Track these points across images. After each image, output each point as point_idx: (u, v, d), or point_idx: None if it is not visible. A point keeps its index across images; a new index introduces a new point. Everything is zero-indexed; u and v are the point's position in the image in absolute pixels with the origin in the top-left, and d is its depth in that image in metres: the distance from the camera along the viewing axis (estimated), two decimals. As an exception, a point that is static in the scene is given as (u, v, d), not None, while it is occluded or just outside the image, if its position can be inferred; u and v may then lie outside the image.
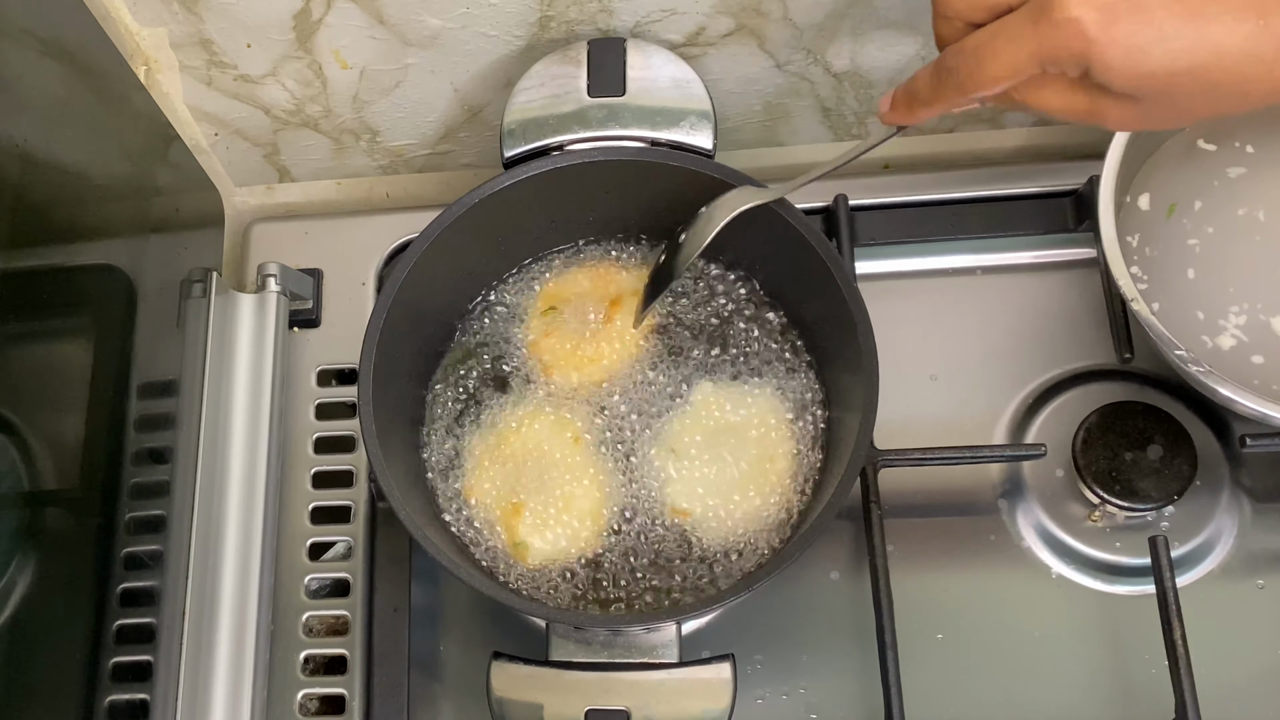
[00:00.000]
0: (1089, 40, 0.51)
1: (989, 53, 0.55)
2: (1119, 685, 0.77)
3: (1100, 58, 0.51)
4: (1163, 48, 0.51)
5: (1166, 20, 0.50)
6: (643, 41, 0.82)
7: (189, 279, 0.82)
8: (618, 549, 0.76)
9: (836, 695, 0.79)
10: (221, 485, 0.80)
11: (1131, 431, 0.79)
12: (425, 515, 0.74)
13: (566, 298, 0.81)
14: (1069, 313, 0.86)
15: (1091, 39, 0.51)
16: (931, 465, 0.81)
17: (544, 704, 0.70)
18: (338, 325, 0.89)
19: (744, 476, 0.76)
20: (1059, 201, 0.88)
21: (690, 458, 0.77)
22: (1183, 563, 0.79)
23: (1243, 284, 0.78)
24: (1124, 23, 0.51)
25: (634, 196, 0.80)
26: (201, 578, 0.77)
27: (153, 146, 0.83)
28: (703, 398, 0.79)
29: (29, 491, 0.64)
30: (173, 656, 0.74)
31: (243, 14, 0.79)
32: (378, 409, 0.72)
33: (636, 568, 0.76)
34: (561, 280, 0.82)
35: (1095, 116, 0.56)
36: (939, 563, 0.81)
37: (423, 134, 0.93)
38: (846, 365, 0.74)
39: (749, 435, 0.77)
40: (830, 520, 0.69)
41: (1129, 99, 0.53)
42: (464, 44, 0.83)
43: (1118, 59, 0.51)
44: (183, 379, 0.80)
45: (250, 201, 1.00)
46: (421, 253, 0.75)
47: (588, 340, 0.80)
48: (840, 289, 0.73)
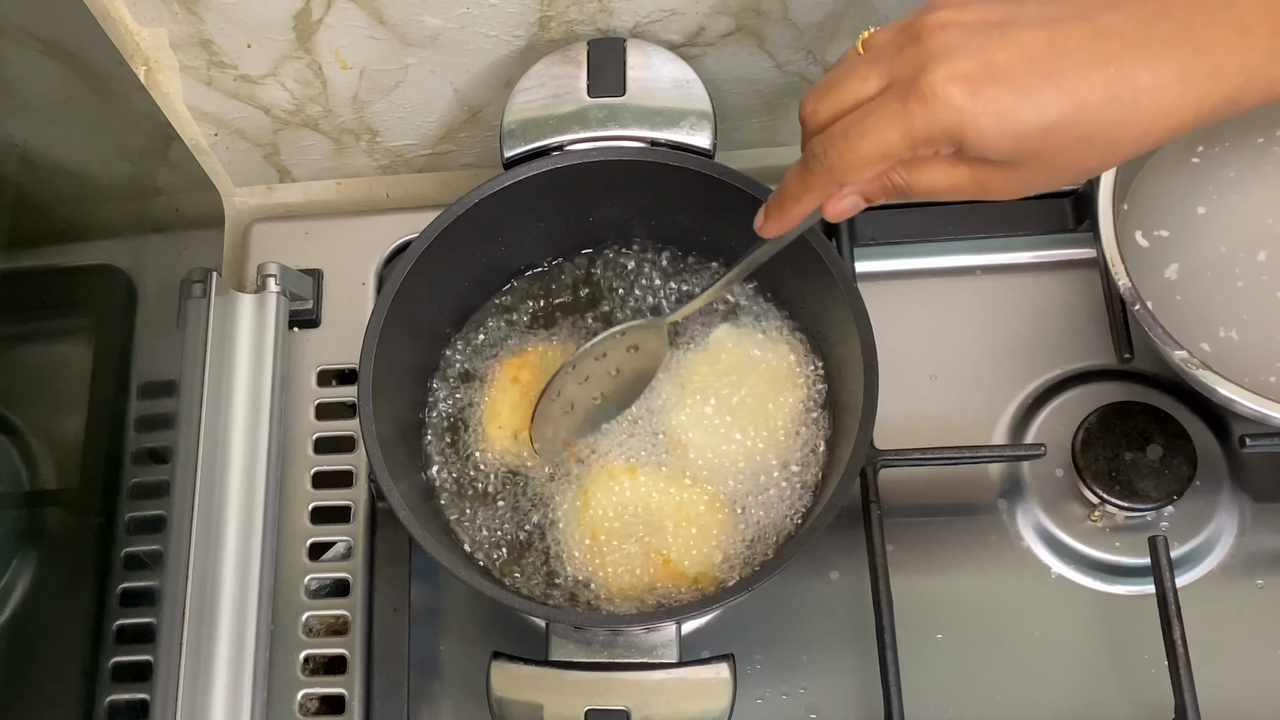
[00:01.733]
0: (958, 110, 0.51)
1: (858, 133, 0.54)
2: (1119, 685, 0.77)
3: (973, 126, 0.52)
4: (1029, 106, 0.51)
5: (1027, 80, 0.51)
6: (643, 41, 0.82)
7: (189, 279, 0.82)
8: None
9: (836, 695, 0.79)
10: (221, 485, 0.80)
11: (1131, 431, 0.79)
12: (425, 515, 0.74)
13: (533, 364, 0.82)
14: (1069, 313, 0.87)
15: (959, 109, 0.51)
16: (931, 465, 0.81)
17: (544, 704, 0.70)
18: (338, 325, 0.89)
19: (744, 416, 0.77)
20: (1059, 201, 0.88)
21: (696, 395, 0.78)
22: (1182, 563, 0.79)
23: (1242, 283, 0.78)
24: (989, 89, 0.51)
25: (634, 196, 0.80)
26: (201, 578, 0.77)
27: (153, 146, 0.83)
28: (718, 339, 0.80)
29: (29, 491, 0.64)
30: (173, 656, 0.74)
31: (243, 14, 0.79)
32: (378, 409, 0.72)
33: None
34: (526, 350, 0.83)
35: (981, 189, 0.55)
36: (939, 563, 0.81)
37: (423, 134, 0.93)
38: (846, 365, 0.74)
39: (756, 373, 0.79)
40: (830, 520, 0.69)
41: (1009, 165, 0.53)
42: (464, 44, 0.83)
43: (989, 125, 0.51)
44: (183, 379, 0.80)
45: (250, 201, 1.00)
46: (421, 253, 0.75)
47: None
48: (840, 289, 0.73)
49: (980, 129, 0.52)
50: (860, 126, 0.54)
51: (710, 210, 0.78)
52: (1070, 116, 0.51)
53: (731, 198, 0.76)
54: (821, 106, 0.57)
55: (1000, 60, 0.51)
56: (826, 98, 0.57)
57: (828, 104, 0.57)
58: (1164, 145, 0.80)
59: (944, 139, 0.53)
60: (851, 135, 0.55)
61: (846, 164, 0.55)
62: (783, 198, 0.60)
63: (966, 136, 0.52)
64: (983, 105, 0.51)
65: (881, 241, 0.88)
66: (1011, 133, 0.52)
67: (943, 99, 0.52)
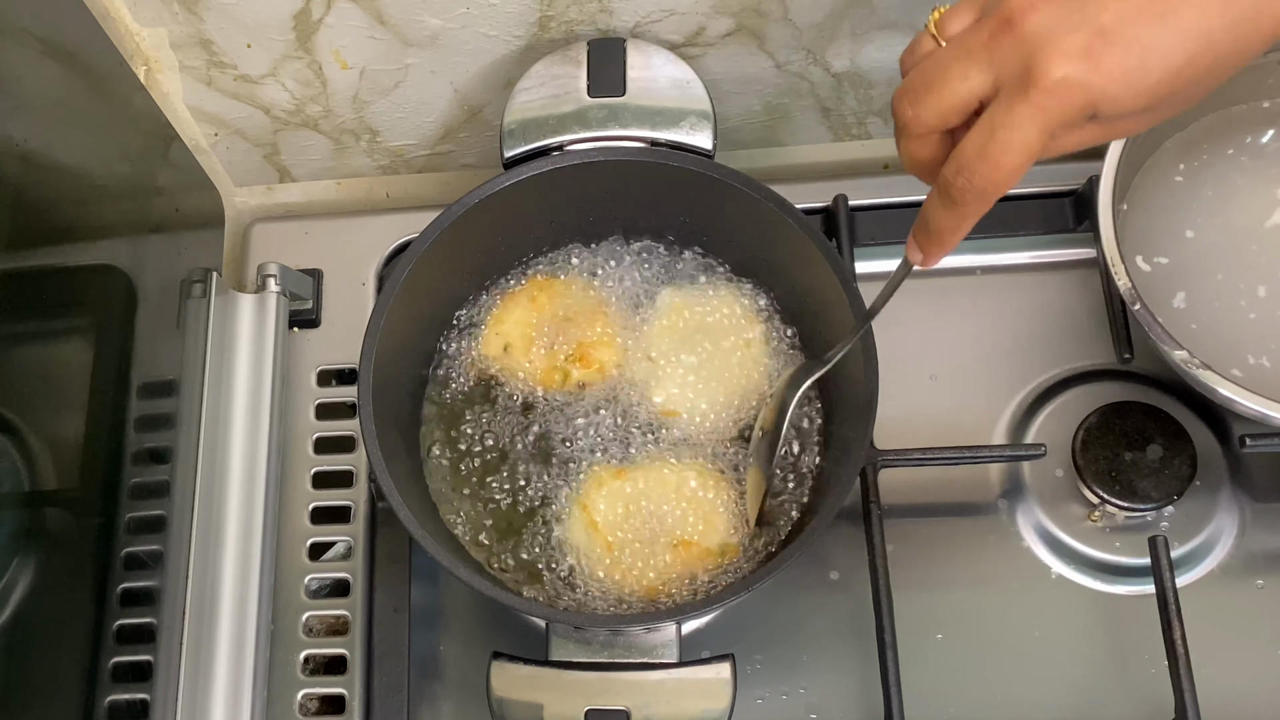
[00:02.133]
0: (1087, 88, 0.50)
1: (997, 150, 0.52)
2: (1119, 685, 0.77)
3: (1104, 96, 0.50)
4: (1154, 59, 0.50)
5: (1143, 32, 0.50)
6: (643, 41, 0.82)
7: (189, 279, 0.82)
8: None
9: (836, 695, 0.79)
10: (221, 485, 0.80)
11: (1131, 431, 0.79)
12: (425, 515, 0.74)
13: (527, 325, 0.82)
14: (1069, 313, 0.86)
15: (1086, 86, 0.50)
16: (931, 465, 0.81)
17: (544, 704, 0.70)
18: (338, 325, 0.89)
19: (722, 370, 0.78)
20: (1059, 201, 0.88)
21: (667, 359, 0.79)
22: (1182, 563, 0.79)
23: (1241, 283, 0.78)
24: (1109, 56, 0.50)
25: (634, 196, 0.80)
26: (201, 578, 0.77)
27: (153, 146, 0.83)
28: (668, 303, 0.80)
29: (29, 491, 0.64)
30: (173, 656, 0.74)
31: (243, 14, 0.79)
32: (378, 409, 0.72)
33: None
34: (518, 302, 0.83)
35: (1111, 136, 0.54)
36: (939, 563, 0.81)
37: (423, 134, 0.93)
38: (846, 365, 0.74)
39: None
40: (830, 520, 0.69)
41: (1143, 112, 0.52)
42: (464, 44, 0.83)
43: (1122, 91, 0.50)
44: (183, 379, 0.80)
45: (250, 201, 1.00)
46: (421, 253, 0.75)
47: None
48: (840, 289, 0.73)
49: (1113, 97, 0.50)
50: (995, 141, 0.52)
51: (710, 210, 0.78)
52: (1198, 51, 0.50)
53: (731, 198, 0.76)
54: (925, 112, 0.54)
55: (1108, 21, 0.49)
56: (926, 102, 0.54)
57: (931, 110, 0.54)
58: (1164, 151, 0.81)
59: (1079, 118, 0.51)
60: (991, 153, 0.52)
61: (998, 183, 0.53)
62: (940, 234, 0.58)
63: (1101, 108, 0.51)
64: (1108, 73, 0.50)
65: (881, 241, 0.88)
66: (1144, 88, 0.50)
67: (1067, 83, 0.50)
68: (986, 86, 0.53)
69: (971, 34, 0.53)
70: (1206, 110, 0.82)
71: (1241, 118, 0.82)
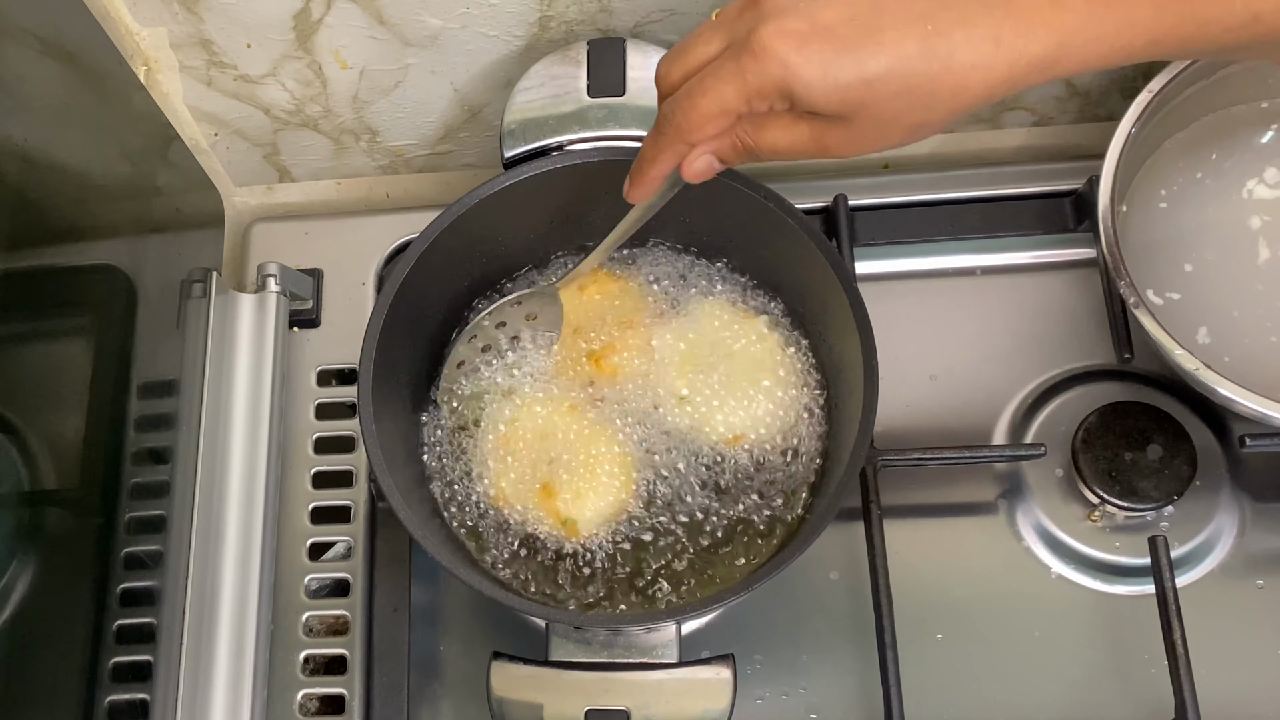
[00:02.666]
0: (783, 64, 0.55)
1: (699, 91, 0.58)
2: (1119, 685, 0.77)
3: (798, 78, 0.55)
4: (849, 59, 0.54)
5: (849, 35, 0.55)
6: (643, 42, 0.82)
7: (189, 279, 0.82)
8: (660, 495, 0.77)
9: (836, 695, 0.79)
10: (221, 485, 0.80)
11: (1131, 431, 0.79)
12: (425, 515, 0.74)
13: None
14: (1069, 313, 0.87)
15: (784, 62, 0.55)
16: (931, 465, 0.81)
17: (544, 704, 0.70)
18: (338, 325, 0.89)
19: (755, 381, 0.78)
20: (1059, 201, 0.88)
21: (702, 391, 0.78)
22: (1182, 563, 0.79)
23: (1241, 283, 0.78)
24: (813, 44, 0.55)
25: (634, 196, 0.80)
26: (201, 578, 0.77)
27: (153, 146, 0.83)
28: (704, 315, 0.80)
29: (29, 491, 0.64)
30: (173, 656, 0.74)
31: (243, 14, 0.79)
32: (378, 409, 0.72)
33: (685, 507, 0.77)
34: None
35: (818, 144, 0.58)
36: (939, 563, 0.81)
37: (423, 134, 0.93)
38: (846, 365, 0.74)
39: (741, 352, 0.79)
40: (830, 520, 0.69)
41: (842, 120, 0.56)
42: (464, 44, 0.83)
43: (814, 75, 0.55)
44: (183, 379, 0.80)
45: (250, 201, 1.00)
46: (421, 253, 0.75)
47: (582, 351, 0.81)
48: (840, 289, 0.73)
49: (806, 81, 0.55)
50: (701, 85, 0.58)
51: (709, 210, 0.78)
52: (889, 69, 0.54)
53: (731, 198, 0.76)
54: (673, 69, 0.60)
55: (825, 19, 0.55)
56: (677, 61, 0.60)
57: (678, 66, 0.60)
58: (1164, 151, 0.81)
59: (774, 92, 0.56)
60: (694, 94, 0.58)
61: (690, 122, 0.59)
62: (641, 162, 0.63)
63: (794, 88, 0.55)
64: (806, 58, 0.55)
65: (881, 242, 0.88)
66: (835, 84, 0.55)
67: (770, 53, 0.55)
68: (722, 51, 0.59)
69: (728, 11, 0.59)
70: (1206, 110, 0.82)
71: (1241, 118, 0.82)
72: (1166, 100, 0.79)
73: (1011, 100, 0.89)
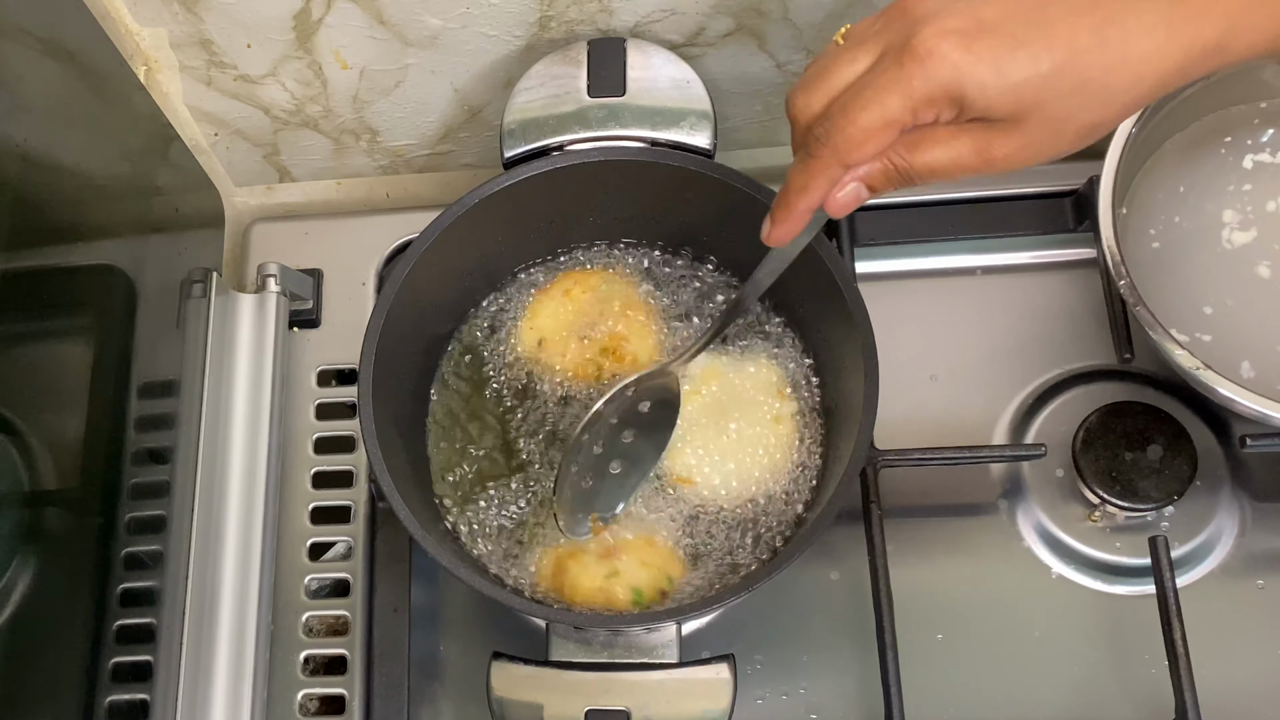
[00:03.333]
0: (954, 65, 0.51)
1: (858, 106, 0.53)
2: (1119, 685, 0.77)
3: (971, 78, 0.51)
4: (1023, 54, 0.51)
5: (1018, 30, 0.51)
6: (643, 41, 0.82)
7: (189, 279, 0.82)
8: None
9: (836, 695, 0.79)
10: (221, 485, 0.80)
11: (1131, 431, 0.79)
12: (425, 515, 0.74)
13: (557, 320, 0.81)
14: (1069, 313, 0.86)
15: (955, 63, 0.51)
16: (931, 465, 0.81)
17: (544, 704, 0.70)
18: (338, 325, 0.89)
19: (743, 442, 0.76)
20: (1059, 201, 0.88)
21: (691, 428, 0.77)
22: (1183, 563, 0.79)
23: (1241, 283, 0.78)
24: (982, 41, 0.51)
25: (634, 196, 0.80)
26: (201, 578, 0.77)
27: (153, 146, 0.83)
28: (699, 371, 0.78)
29: (29, 491, 0.64)
30: (173, 656, 0.74)
31: (243, 14, 0.79)
32: (378, 409, 0.72)
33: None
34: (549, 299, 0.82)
35: (983, 157, 0.54)
36: (939, 563, 0.81)
37: (423, 134, 0.93)
38: (846, 365, 0.74)
39: (747, 402, 0.78)
40: (830, 520, 0.69)
41: (1011, 124, 0.53)
42: (464, 44, 0.83)
43: (987, 75, 0.51)
44: (183, 379, 0.80)
45: (250, 201, 1.00)
46: (421, 253, 0.75)
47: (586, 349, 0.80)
48: (840, 289, 0.73)
49: (980, 80, 0.51)
50: (859, 99, 0.53)
51: (710, 210, 0.78)
52: (1065, 62, 0.51)
53: (731, 198, 0.76)
54: (813, 98, 0.56)
55: (988, 15, 0.52)
56: (816, 89, 0.56)
57: (819, 94, 0.55)
58: (1164, 151, 0.81)
59: (944, 98, 0.52)
60: (851, 109, 0.53)
61: (850, 139, 0.54)
62: (788, 193, 0.58)
63: (966, 90, 0.52)
64: (978, 56, 0.51)
65: (881, 242, 0.88)
66: (1010, 82, 0.51)
67: (938, 55, 0.51)
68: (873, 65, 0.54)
69: (866, 28, 0.55)
70: (1206, 111, 0.82)
71: (1241, 118, 0.82)
72: (1166, 100, 0.78)
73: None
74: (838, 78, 0.55)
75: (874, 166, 0.56)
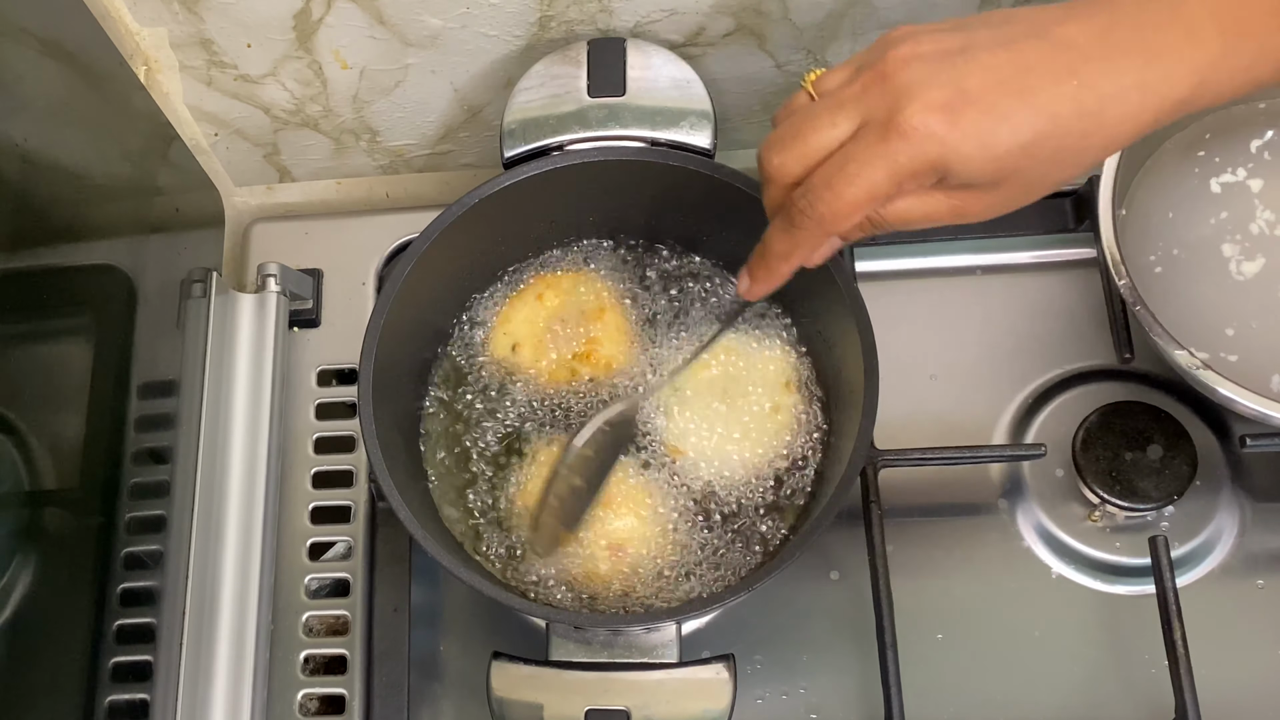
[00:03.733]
0: (941, 141, 0.52)
1: (843, 180, 0.54)
2: (1119, 685, 0.77)
3: (956, 154, 0.52)
4: (1007, 127, 0.52)
5: (1001, 101, 0.52)
6: (643, 41, 0.82)
7: (189, 279, 0.82)
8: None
9: (836, 695, 0.79)
10: (221, 485, 0.80)
11: (1131, 431, 0.79)
12: (425, 515, 0.74)
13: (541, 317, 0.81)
14: (1069, 313, 0.87)
15: (941, 139, 0.52)
16: (931, 465, 0.81)
17: (544, 704, 0.70)
18: (338, 325, 0.89)
19: (738, 430, 0.77)
20: (1059, 201, 0.88)
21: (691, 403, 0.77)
22: (1183, 563, 0.79)
23: (1240, 282, 0.78)
24: (967, 115, 0.52)
25: (634, 196, 0.80)
26: (201, 578, 0.77)
27: (153, 146, 0.83)
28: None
29: (29, 491, 0.64)
30: (173, 656, 0.74)
31: (243, 14, 0.79)
32: (378, 409, 0.72)
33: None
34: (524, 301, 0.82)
35: (957, 213, 0.56)
36: (939, 563, 0.81)
37: (423, 134, 0.93)
38: (846, 365, 0.74)
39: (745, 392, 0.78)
40: (830, 520, 0.69)
41: (988, 186, 0.54)
42: (464, 44, 0.83)
43: (973, 150, 0.52)
44: (183, 379, 0.80)
45: (250, 201, 1.00)
46: (421, 253, 0.75)
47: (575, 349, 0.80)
48: (840, 289, 0.73)
49: (964, 155, 0.52)
50: (844, 173, 0.54)
51: (710, 210, 0.78)
52: (1045, 131, 0.52)
53: (732, 198, 0.76)
54: (789, 159, 0.56)
55: (971, 86, 0.52)
56: (792, 149, 0.56)
57: (795, 156, 0.56)
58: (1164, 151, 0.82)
59: (929, 171, 0.53)
60: (836, 184, 0.54)
61: (836, 214, 0.55)
62: (768, 257, 0.60)
63: (951, 165, 0.53)
64: (963, 132, 0.52)
65: (881, 241, 0.88)
66: (993, 154, 0.52)
67: (924, 132, 0.52)
68: (852, 133, 0.55)
69: (845, 87, 0.55)
70: (1205, 112, 0.82)
71: (1240, 118, 0.82)
72: (1166, 100, 0.78)
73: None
74: (815, 141, 0.55)
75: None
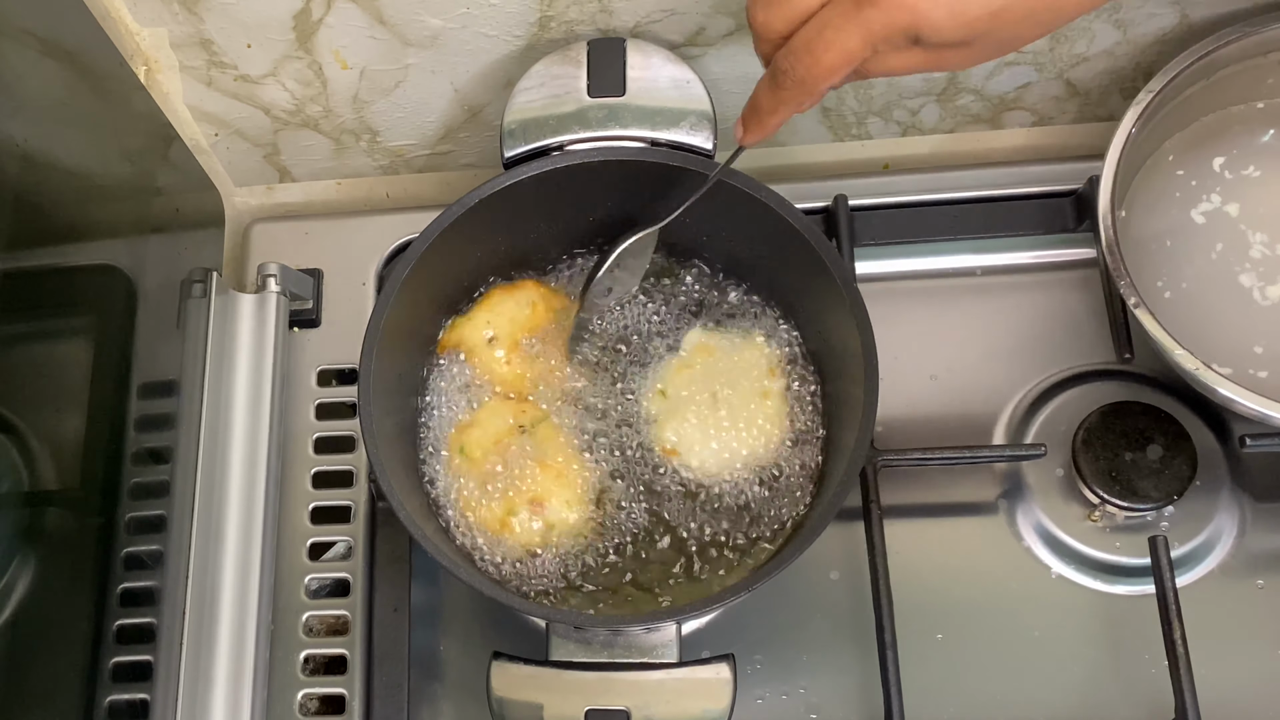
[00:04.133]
0: (911, 9, 0.55)
1: (820, 45, 0.58)
2: (1119, 685, 0.77)
3: (927, 22, 0.56)
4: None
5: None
6: (643, 41, 0.82)
7: (189, 279, 0.82)
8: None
9: (836, 695, 0.79)
10: (221, 485, 0.80)
11: (1131, 431, 0.79)
12: (425, 515, 0.74)
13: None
14: (1069, 313, 0.87)
15: (912, 8, 0.55)
16: (931, 465, 0.81)
17: (544, 704, 0.70)
18: (338, 325, 0.89)
19: (736, 427, 0.77)
20: (1059, 202, 0.88)
21: (679, 399, 0.78)
22: (1183, 563, 0.79)
23: (1240, 283, 0.79)
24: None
25: (634, 196, 0.80)
26: (201, 578, 0.77)
27: (153, 146, 0.83)
28: (694, 346, 0.80)
29: (29, 491, 0.64)
30: (173, 656, 0.74)
31: (243, 14, 0.79)
32: (378, 409, 0.72)
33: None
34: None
35: (936, 66, 0.59)
36: (939, 563, 0.81)
37: (423, 134, 0.93)
38: (846, 366, 0.74)
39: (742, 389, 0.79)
40: (830, 520, 0.69)
41: (962, 45, 0.58)
42: (464, 44, 0.83)
43: (943, 18, 0.56)
44: (183, 379, 0.80)
45: (250, 201, 1.00)
46: (421, 253, 0.75)
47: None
48: (840, 289, 0.73)
49: (934, 21, 0.56)
50: (821, 39, 0.58)
51: (710, 210, 0.78)
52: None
53: (732, 198, 0.76)
54: (774, 17, 0.60)
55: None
56: (778, 7, 0.60)
57: (779, 14, 0.60)
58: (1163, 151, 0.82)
59: (900, 36, 0.56)
60: (815, 49, 0.58)
61: (815, 76, 0.59)
62: (759, 111, 0.64)
63: (922, 31, 0.56)
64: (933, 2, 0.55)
65: (881, 242, 0.88)
66: (963, 20, 0.56)
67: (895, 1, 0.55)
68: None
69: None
70: (1205, 111, 0.82)
71: (1240, 118, 0.82)
72: (1166, 100, 0.79)
73: (1012, 100, 0.89)
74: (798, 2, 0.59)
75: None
